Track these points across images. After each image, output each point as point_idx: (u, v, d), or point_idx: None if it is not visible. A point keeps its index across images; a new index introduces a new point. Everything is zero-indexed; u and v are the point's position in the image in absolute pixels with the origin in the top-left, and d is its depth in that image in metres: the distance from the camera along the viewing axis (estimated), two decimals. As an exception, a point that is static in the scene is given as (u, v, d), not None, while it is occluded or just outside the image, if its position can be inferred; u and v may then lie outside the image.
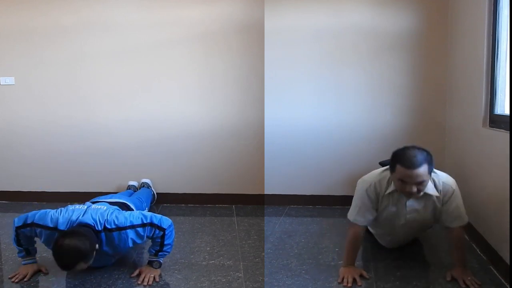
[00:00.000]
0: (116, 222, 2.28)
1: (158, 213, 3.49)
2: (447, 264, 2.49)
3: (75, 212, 2.32)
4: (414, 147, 2.23)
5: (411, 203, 2.35)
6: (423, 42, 3.45)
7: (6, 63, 3.73)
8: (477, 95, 2.79)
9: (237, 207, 3.67)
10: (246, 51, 3.55)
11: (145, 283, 2.33)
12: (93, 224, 2.25)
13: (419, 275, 2.40)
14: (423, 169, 2.14)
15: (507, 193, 2.25)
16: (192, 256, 2.69)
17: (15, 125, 3.80)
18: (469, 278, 2.27)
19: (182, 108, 3.66)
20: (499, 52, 2.65)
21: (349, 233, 2.45)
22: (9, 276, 2.40)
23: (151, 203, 3.58)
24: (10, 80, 3.74)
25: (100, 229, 2.26)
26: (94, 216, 2.29)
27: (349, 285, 2.29)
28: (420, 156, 2.16)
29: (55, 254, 2.08)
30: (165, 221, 2.37)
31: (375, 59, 3.50)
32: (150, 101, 3.67)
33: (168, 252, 2.44)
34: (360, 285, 2.29)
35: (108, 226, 2.27)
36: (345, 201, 3.61)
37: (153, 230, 2.33)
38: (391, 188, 2.34)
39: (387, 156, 3.34)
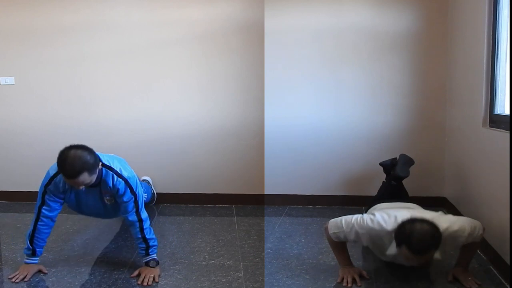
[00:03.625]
0: (119, 166, 2.38)
1: (157, 213, 3.51)
2: (447, 264, 2.49)
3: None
4: (422, 227, 1.97)
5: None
6: (423, 42, 3.45)
7: (6, 63, 3.73)
8: (477, 95, 2.79)
9: (237, 207, 3.67)
10: (246, 51, 3.55)
11: (144, 283, 2.33)
12: (100, 157, 2.32)
13: (419, 275, 2.40)
14: (430, 254, 1.98)
15: (507, 193, 2.25)
16: (192, 256, 2.69)
17: (15, 125, 3.80)
18: (469, 278, 2.27)
19: (182, 108, 3.66)
20: (499, 52, 2.65)
21: (329, 239, 2.37)
22: (9, 276, 2.40)
23: (150, 202, 3.58)
24: (10, 80, 3.74)
25: (103, 162, 2.33)
26: (101, 154, 2.37)
27: (349, 285, 2.29)
28: (429, 240, 1.95)
29: (60, 162, 2.15)
30: (144, 212, 2.44)
31: (375, 59, 3.50)
32: (150, 101, 3.67)
33: (156, 245, 2.45)
34: (360, 285, 2.29)
35: (112, 166, 2.36)
36: (345, 201, 3.64)
37: (133, 209, 2.38)
38: (393, 250, 2.10)
39: (387, 156, 3.38)
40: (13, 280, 2.37)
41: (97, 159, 2.27)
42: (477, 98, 2.80)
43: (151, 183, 3.68)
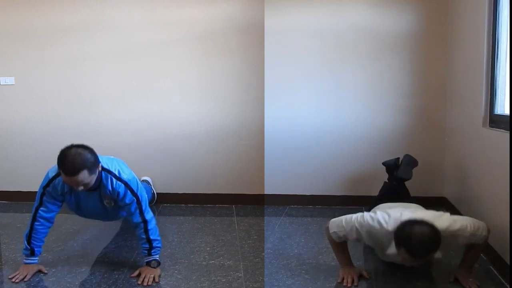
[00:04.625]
0: (120, 172, 2.37)
1: (158, 213, 3.51)
2: (447, 264, 2.49)
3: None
4: (421, 229, 1.95)
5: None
6: (423, 42, 3.45)
7: (6, 63, 3.73)
8: (477, 95, 2.79)
9: (237, 207, 3.67)
10: (246, 51, 3.55)
11: (145, 283, 2.33)
12: (99, 160, 2.31)
13: (420, 275, 2.40)
14: (430, 257, 1.98)
15: (507, 193, 2.25)
16: (192, 256, 2.69)
17: (15, 125, 3.80)
18: (470, 279, 2.27)
19: (182, 107, 3.66)
20: (499, 52, 2.65)
21: (329, 239, 2.38)
22: (9, 276, 2.40)
23: (150, 202, 3.57)
24: (10, 80, 3.74)
25: (103, 165, 2.32)
26: (100, 156, 2.35)
27: (349, 285, 2.29)
28: (428, 243, 1.94)
29: (61, 159, 2.15)
30: (149, 212, 2.42)
31: (375, 59, 3.50)
32: (150, 101, 3.67)
33: (159, 247, 2.44)
34: (357, 286, 2.29)
35: (110, 169, 2.34)
36: (345, 201, 3.64)
37: (136, 210, 2.37)
38: (393, 250, 2.09)
39: (387, 156, 3.37)
40: (13, 280, 2.37)
41: (98, 159, 2.27)
42: (477, 98, 2.80)
43: (151, 183, 3.68)
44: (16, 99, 3.77)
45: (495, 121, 2.64)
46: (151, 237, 2.40)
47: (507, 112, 2.57)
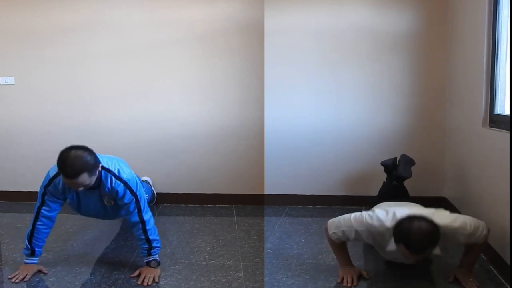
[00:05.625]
0: (120, 170, 2.36)
1: (158, 213, 3.51)
2: (447, 264, 2.49)
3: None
4: (420, 226, 1.95)
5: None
6: (423, 42, 3.45)
7: (6, 63, 3.73)
8: (477, 95, 2.79)
9: (237, 207, 3.67)
10: (246, 51, 3.55)
11: (145, 284, 2.33)
12: (99, 160, 2.31)
13: (419, 275, 2.40)
14: (429, 252, 2.00)
15: (507, 193, 2.25)
16: (192, 256, 2.69)
17: (15, 125, 3.80)
18: (470, 279, 2.27)
19: (182, 107, 3.66)
20: (499, 52, 2.65)
21: (329, 239, 2.37)
22: (9, 276, 2.40)
23: (150, 202, 3.58)
24: (10, 80, 3.74)
25: (103, 164, 2.32)
26: (100, 155, 2.35)
27: (349, 285, 2.29)
28: (427, 238, 1.94)
29: (60, 163, 2.14)
30: (148, 212, 2.42)
31: (375, 59, 3.50)
32: (150, 101, 3.67)
33: (159, 247, 2.44)
34: (357, 286, 2.29)
35: (110, 168, 2.34)
36: (345, 201, 3.64)
37: (134, 209, 2.37)
38: (392, 247, 2.11)
39: (387, 156, 3.37)
40: (13, 280, 2.37)
41: (97, 160, 2.27)
42: (477, 98, 2.80)
43: (151, 183, 3.68)
44: (16, 99, 3.77)
45: (495, 121, 2.64)
46: (150, 237, 2.40)
47: (507, 112, 2.57)
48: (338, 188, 3.65)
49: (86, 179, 2.17)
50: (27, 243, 2.43)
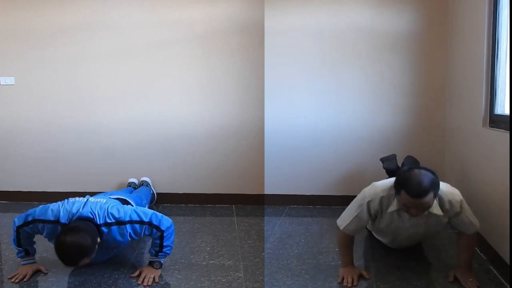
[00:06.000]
0: (116, 216, 2.29)
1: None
2: (447, 264, 2.49)
3: (75, 204, 2.33)
4: (420, 172, 2.08)
5: (414, 220, 2.28)
6: (423, 42, 3.45)
7: (6, 63, 3.73)
8: (477, 95, 2.79)
9: (237, 207, 3.67)
10: (246, 51, 3.55)
11: (145, 283, 2.33)
12: (93, 217, 2.25)
13: (419, 275, 2.40)
14: (429, 197, 2.05)
15: (507, 193, 2.25)
16: (192, 256, 2.69)
17: (15, 125, 3.80)
18: (470, 279, 2.27)
19: (182, 107, 3.66)
20: (499, 52, 2.64)
21: (338, 236, 2.44)
22: (9, 276, 2.40)
23: (150, 202, 3.58)
24: (10, 80, 3.74)
25: (100, 222, 2.26)
26: (93, 209, 2.29)
27: (349, 285, 2.29)
28: (426, 183, 2.03)
29: (58, 252, 2.09)
30: (165, 222, 2.37)
31: (375, 59, 3.50)
32: (150, 101, 3.67)
33: (168, 253, 2.44)
34: (357, 286, 2.29)
35: (108, 220, 2.28)
36: (345, 201, 3.59)
37: (151, 229, 2.34)
38: (394, 206, 2.23)
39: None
40: (13, 280, 2.37)
41: (95, 237, 2.18)
42: (477, 98, 2.80)
43: (150, 183, 3.68)
44: (16, 99, 3.77)
45: (495, 121, 2.64)
46: (165, 243, 2.38)
47: (507, 112, 2.57)
48: (338, 188, 3.65)
49: (86, 261, 2.14)
50: (17, 247, 2.41)
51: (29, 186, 3.81)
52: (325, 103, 3.57)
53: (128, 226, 2.30)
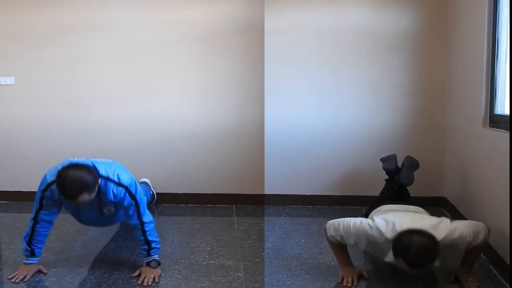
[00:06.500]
0: (119, 176, 2.36)
1: (158, 213, 3.51)
2: (447, 264, 2.48)
3: (80, 159, 2.40)
4: (420, 240, 1.94)
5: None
6: (423, 42, 3.45)
7: (6, 63, 3.73)
8: (477, 95, 2.79)
9: (237, 207, 3.67)
10: (246, 51, 3.55)
11: (145, 284, 2.33)
12: (96, 168, 2.31)
13: (419, 275, 2.40)
14: (428, 267, 1.99)
15: (507, 193, 2.25)
16: (192, 256, 2.69)
17: (15, 125, 3.80)
18: (470, 279, 2.27)
19: (182, 108, 3.66)
20: (499, 52, 2.65)
21: (328, 241, 2.38)
22: (9, 276, 2.40)
23: (150, 202, 3.58)
24: (10, 80, 3.74)
25: (101, 173, 2.31)
26: (97, 162, 2.36)
27: (349, 285, 2.29)
28: (426, 254, 1.93)
29: (59, 184, 2.14)
30: (148, 215, 2.42)
31: (375, 59, 3.50)
32: (150, 101, 3.67)
33: (158, 248, 2.45)
34: (357, 286, 2.29)
35: (111, 176, 2.34)
36: (345, 201, 3.64)
37: (134, 212, 2.37)
38: (391, 259, 2.11)
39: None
40: (13, 280, 2.37)
41: (96, 176, 2.25)
42: (477, 98, 2.80)
43: (150, 184, 3.67)
44: (16, 99, 3.77)
45: (495, 121, 2.64)
46: (149, 238, 2.40)
47: (507, 112, 2.57)
48: (338, 188, 3.65)
49: (86, 197, 2.18)
50: (26, 245, 2.42)
51: (29, 186, 3.80)
52: (325, 103, 3.57)
53: (123, 190, 2.34)
